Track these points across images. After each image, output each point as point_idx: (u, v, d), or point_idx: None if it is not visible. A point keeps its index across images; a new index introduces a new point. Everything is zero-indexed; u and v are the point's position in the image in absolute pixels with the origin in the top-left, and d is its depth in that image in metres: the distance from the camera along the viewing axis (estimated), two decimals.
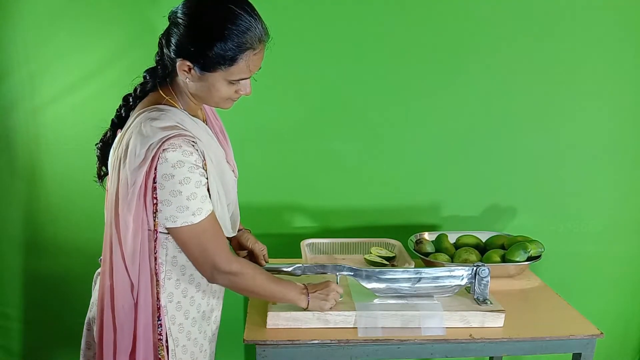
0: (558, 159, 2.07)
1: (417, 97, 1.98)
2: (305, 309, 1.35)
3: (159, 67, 1.16)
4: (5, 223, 2.05)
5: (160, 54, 1.16)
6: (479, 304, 1.44)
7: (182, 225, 1.11)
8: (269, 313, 1.38)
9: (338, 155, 2.01)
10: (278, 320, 1.39)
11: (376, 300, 1.44)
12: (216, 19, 1.06)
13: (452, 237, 1.87)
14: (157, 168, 1.07)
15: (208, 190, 1.16)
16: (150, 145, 1.06)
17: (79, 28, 1.86)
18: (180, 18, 1.08)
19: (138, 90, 1.20)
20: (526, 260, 1.72)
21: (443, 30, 1.93)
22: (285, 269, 1.41)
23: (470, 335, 1.39)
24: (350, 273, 1.42)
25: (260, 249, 1.46)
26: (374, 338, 1.36)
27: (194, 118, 1.18)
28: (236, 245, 1.47)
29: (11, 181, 2.01)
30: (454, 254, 1.78)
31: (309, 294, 1.33)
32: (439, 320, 1.39)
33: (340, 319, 1.39)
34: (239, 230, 1.44)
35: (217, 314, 1.36)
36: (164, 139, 1.07)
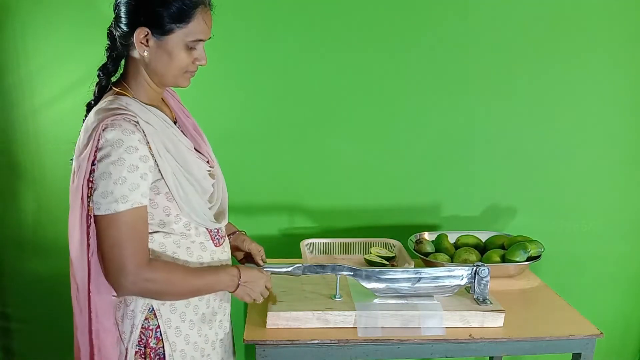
0: (558, 159, 2.07)
1: (417, 97, 1.98)
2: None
3: (109, 61, 1.15)
4: (5, 223, 2.05)
5: (112, 45, 1.14)
6: (478, 303, 1.45)
7: (105, 213, 1.03)
8: (268, 313, 1.38)
9: (338, 155, 2.01)
10: (278, 320, 1.39)
11: (376, 300, 1.44)
12: None
13: (452, 237, 1.88)
14: (98, 150, 1.04)
15: (165, 181, 1.10)
16: (93, 129, 1.05)
17: (79, 28, 1.85)
18: None
19: (95, 92, 1.18)
20: (526, 260, 1.72)
21: (444, 30, 1.93)
22: (285, 269, 1.40)
23: (470, 335, 1.39)
24: (350, 273, 1.41)
25: (257, 249, 1.43)
26: (374, 338, 1.36)
27: (147, 105, 1.14)
28: (232, 248, 1.43)
29: (11, 181, 2.01)
30: (453, 254, 1.78)
31: (239, 282, 1.23)
32: (439, 320, 1.39)
33: (340, 319, 1.39)
34: (233, 233, 1.42)
35: (221, 318, 1.29)
36: (102, 119, 1.05)
